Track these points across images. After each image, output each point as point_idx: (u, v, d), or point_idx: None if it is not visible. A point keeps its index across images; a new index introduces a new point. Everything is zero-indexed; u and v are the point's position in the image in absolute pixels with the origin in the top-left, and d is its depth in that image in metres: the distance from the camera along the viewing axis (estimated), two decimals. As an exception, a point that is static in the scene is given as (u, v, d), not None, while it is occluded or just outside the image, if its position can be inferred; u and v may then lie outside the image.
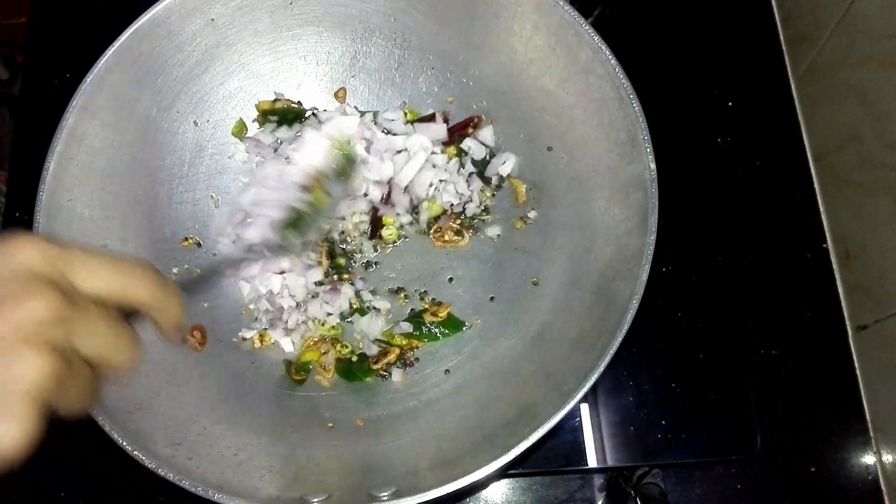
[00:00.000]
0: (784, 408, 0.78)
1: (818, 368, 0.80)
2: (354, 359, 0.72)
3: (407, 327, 0.73)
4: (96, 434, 0.54)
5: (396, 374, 0.71)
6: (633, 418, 0.75)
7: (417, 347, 0.73)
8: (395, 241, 0.77)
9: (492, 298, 0.75)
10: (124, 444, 0.55)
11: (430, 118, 0.78)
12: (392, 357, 0.71)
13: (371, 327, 0.74)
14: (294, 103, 0.79)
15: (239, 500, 0.54)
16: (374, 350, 0.73)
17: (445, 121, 0.78)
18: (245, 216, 0.73)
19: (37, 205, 0.62)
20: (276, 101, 0.77)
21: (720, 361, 0.78)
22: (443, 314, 0.73)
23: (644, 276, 0.59)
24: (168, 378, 0.65)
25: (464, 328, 0.73)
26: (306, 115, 0.78)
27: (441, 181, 0.77)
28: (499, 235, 0.77)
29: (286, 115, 0.77)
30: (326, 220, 0.73)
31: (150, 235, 0.72)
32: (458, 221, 0.77)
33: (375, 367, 0.71)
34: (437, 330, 0.73)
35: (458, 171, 0.78)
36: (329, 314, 0.74)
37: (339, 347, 0.72)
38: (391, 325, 0.74)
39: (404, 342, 0.73)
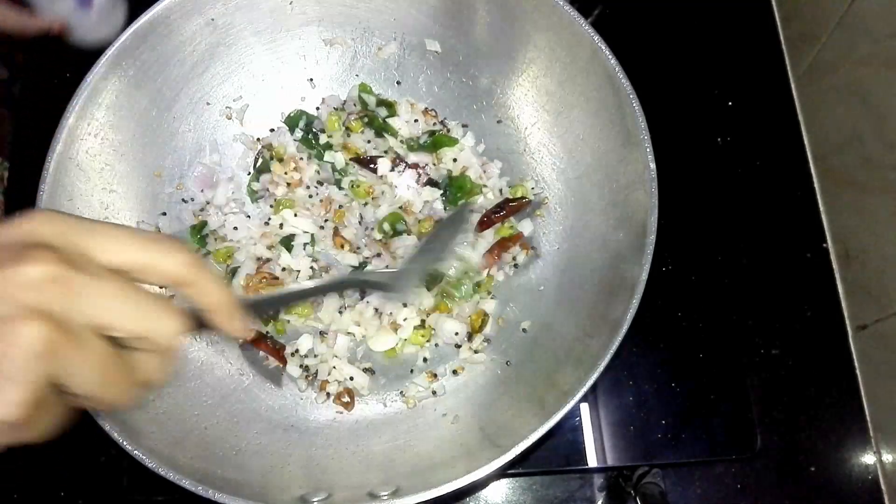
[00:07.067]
0: (784, 408, 0.78)
1: (818, 368, 0.80)
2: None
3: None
4: (96, 434, 0.54)
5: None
6: (633, 418, 0.75)
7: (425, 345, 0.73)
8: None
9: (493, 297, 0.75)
10: (124, 444, 0.55)
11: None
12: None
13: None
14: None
15: (239, 500, 0.54)
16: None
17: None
18: None
19: (37, 205, 0.62)
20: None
21: (720, 361, 0.78)
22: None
23: (644, 276, 0.59)
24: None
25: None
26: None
27: None
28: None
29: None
30: None
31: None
32: None
33: None
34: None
35: None
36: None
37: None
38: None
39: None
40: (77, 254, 0.31)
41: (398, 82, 0.80)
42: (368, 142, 0.78)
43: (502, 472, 0.74)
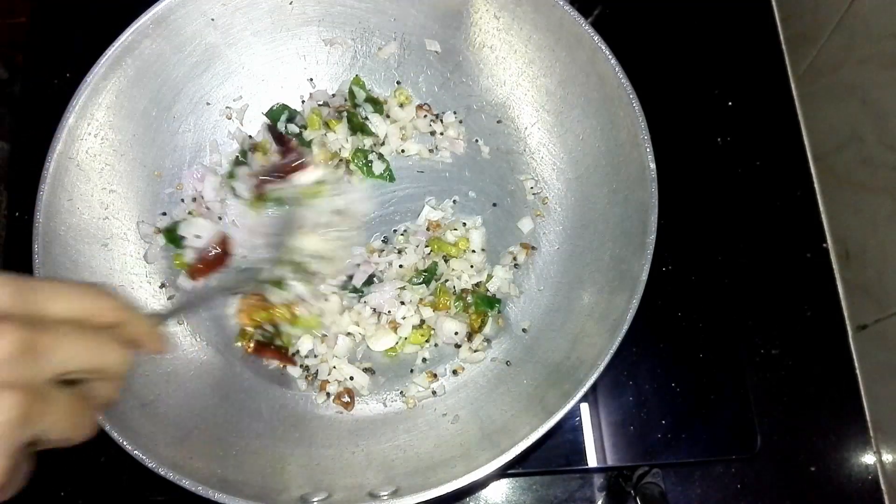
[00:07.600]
0: (784, 408, 0.78)
1: (818, 368, 0.80)
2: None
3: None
4: (96, 434, 0.54)
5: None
6: (633, 418, 0.75)
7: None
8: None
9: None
10: (124, 443, 0.55)
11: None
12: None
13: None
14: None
15: (239, 499, 0.54)
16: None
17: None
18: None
19: (37, 205, 0.62)
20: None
21: (720, 361, 0.77)
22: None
23: (644, 276, 0.59)
24: (168, 379, 0.65)
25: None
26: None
27: None
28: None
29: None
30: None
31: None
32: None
33: None
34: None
35: None
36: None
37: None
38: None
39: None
40: (32, 314, 0.34)
41: (398, 82, 0.80)
42: (346, 140, 0.78)
43: (502, 472, 0.74)
